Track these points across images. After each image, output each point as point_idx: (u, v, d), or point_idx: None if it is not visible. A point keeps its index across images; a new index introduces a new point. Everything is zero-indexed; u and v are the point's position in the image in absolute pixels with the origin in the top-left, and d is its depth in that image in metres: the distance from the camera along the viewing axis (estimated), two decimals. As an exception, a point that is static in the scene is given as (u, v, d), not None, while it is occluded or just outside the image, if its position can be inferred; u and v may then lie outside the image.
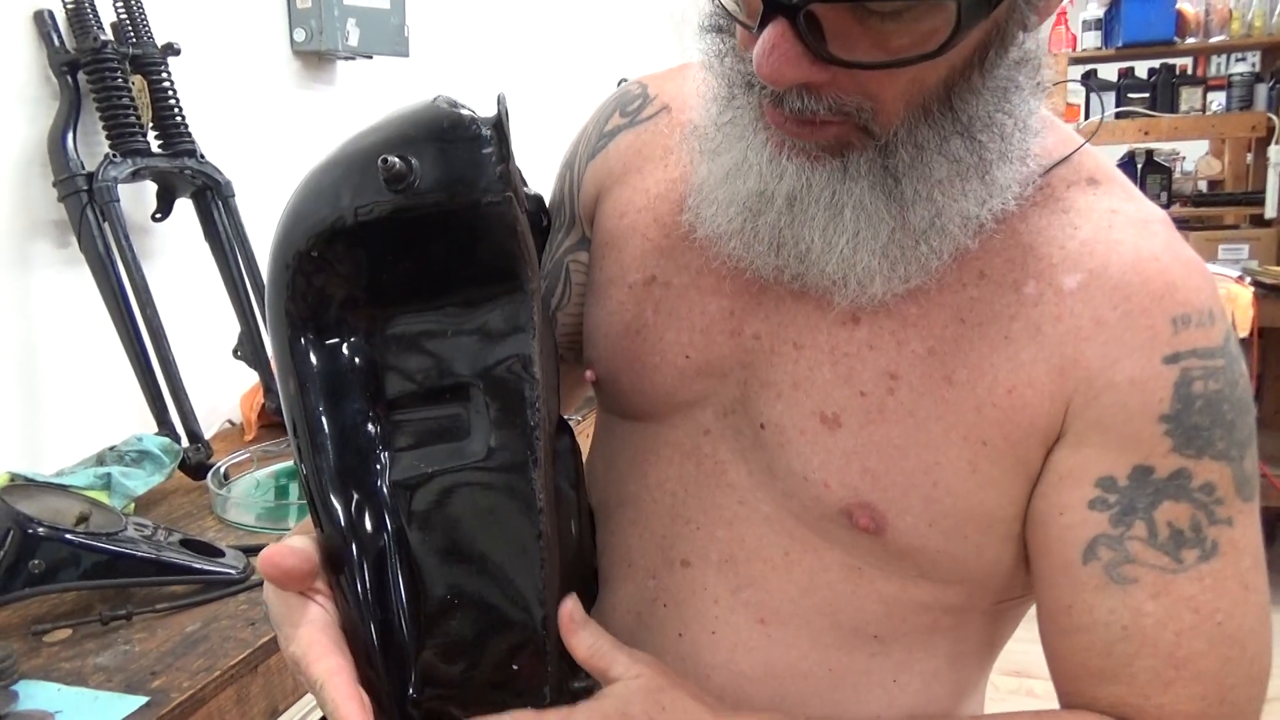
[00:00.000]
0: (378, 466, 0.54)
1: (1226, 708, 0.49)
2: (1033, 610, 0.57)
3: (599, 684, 0.54)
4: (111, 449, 1.22)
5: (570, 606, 0.52)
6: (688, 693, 0.52)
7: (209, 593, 0.92)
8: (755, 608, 0.58)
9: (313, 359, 0.54)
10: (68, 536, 0.87)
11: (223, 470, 1.26)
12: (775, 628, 0.57)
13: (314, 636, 0.50)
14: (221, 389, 1.56)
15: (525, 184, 0.61)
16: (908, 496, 0.53)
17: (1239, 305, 2.73)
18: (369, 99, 1.91)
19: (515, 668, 0.53)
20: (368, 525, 0.53)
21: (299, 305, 0.54)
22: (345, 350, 0.55)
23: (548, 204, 0.65)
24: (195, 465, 1.26)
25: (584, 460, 0.65)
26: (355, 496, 0.54)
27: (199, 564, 0.93)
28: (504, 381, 0.54)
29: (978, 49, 0.46)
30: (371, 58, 1.84)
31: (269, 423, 1.52)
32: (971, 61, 0.46)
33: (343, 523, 0.53)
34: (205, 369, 1.46)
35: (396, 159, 0.49)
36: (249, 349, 1.46)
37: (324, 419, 0.54)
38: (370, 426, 0.55)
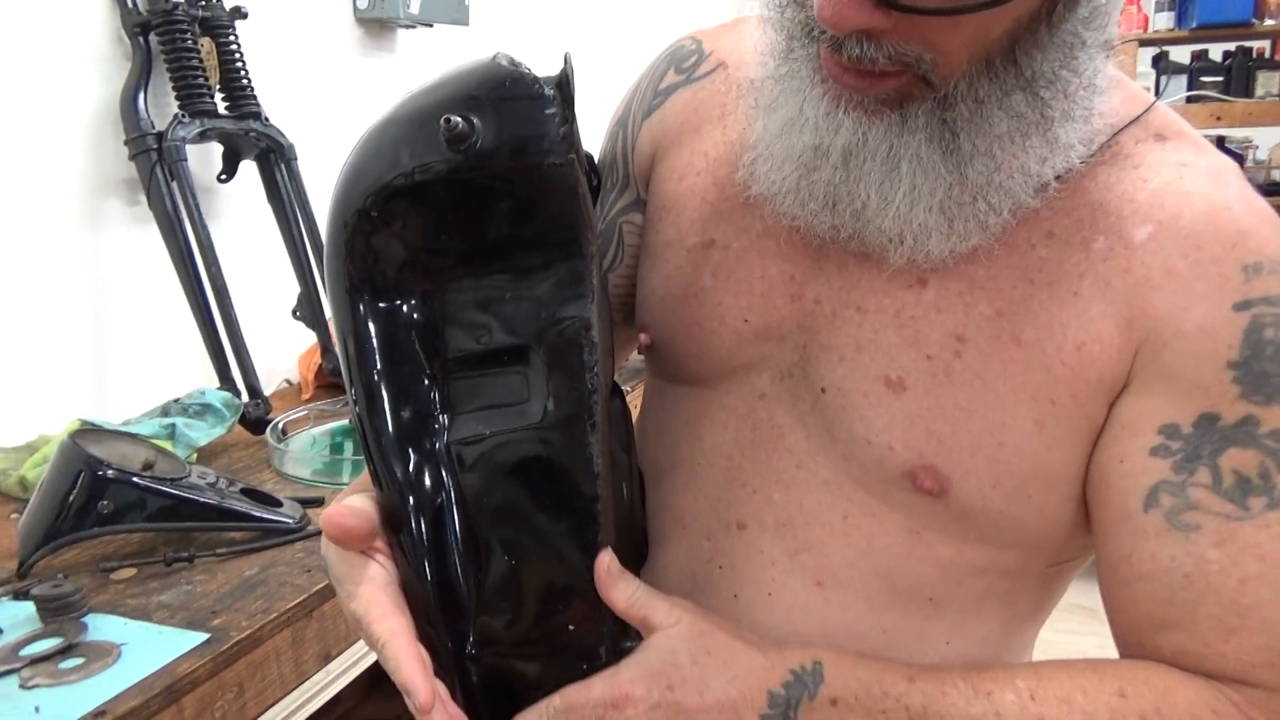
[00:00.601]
0: (436, 427, 0.55)
1: None
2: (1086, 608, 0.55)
3: None
4: (176, 401, 1.25)
5: (606, 560, 0.53)
6: (731, 634, 0.53)
7: (267, 540, 0.95)
8: (812, 571, 0.58)
9: (371, 319, 0.54)
10: (135, 480, 0.90)
11: (280, 426, 1.29)
12: (832, 590, 0.58)
13: (375, 595, 0.51)
14: (280, 349, 1.59)
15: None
16: (973, 458, 0.52)
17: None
18: (429, 66, 1.93)
19: (571, 627, 0.54)
20: (426, 485, 0.54)
21: (357, 265, 0.54)
22: (404, 311, 0.55)
23: (597, 162, 0.65)
24: (255, 420, 1.30)
25: (634, 424, 0.65)
26: (414, 457, 0.54)
27: (258, 512, 0.96)
28: (562, 345, 0.54)
29: (1046, 1, 0.45)
30: (432, 25, 1.86)
31: (326, 383, 1.55)
32: (1039, 14, 0.46)
33: (401, 483, 0.54)
34: (265, 329, 1.49)
35: (459, 118, 0.49)
36: (308, 310, 1.49)
37: (382, 380, 0.54)
38: (428, 388, 0.55)
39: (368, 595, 0.52)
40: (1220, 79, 3.52)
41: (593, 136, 0.62)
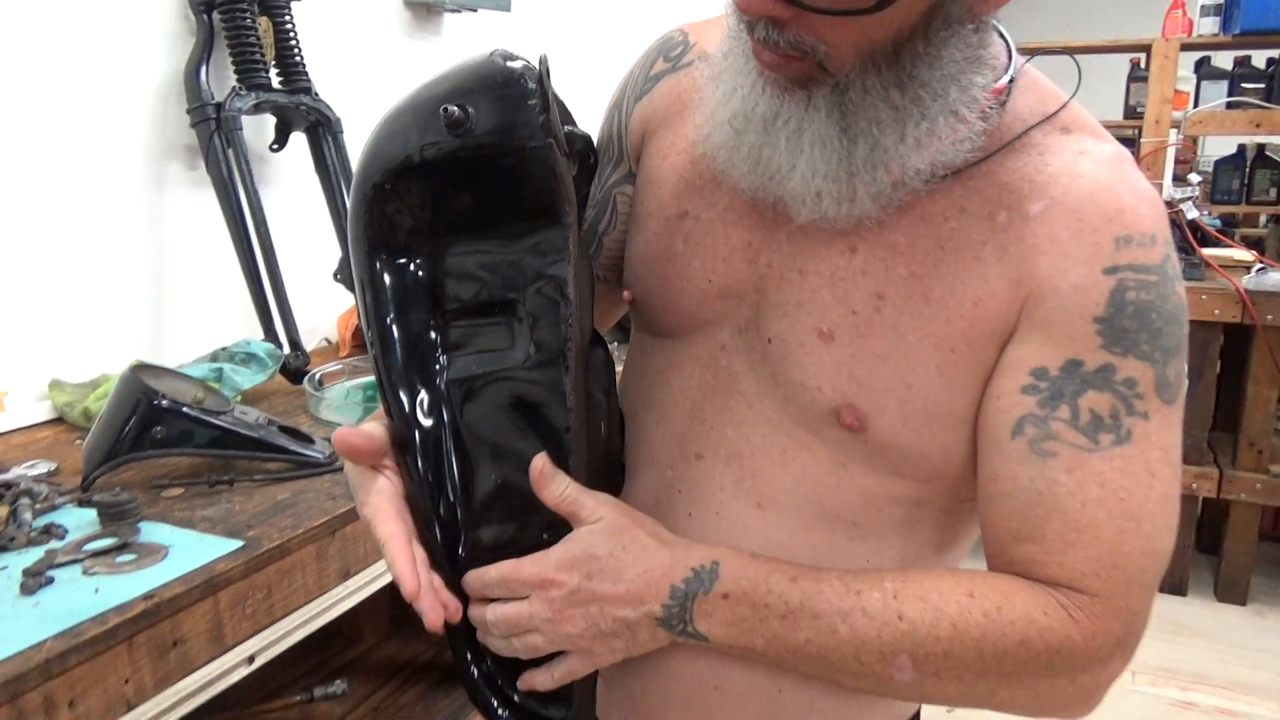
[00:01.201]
0: (436, 366, 0.65)
1: (1116, 573, 0.56)
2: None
3: None
4: (223, 349, 1.37)
5: (540, 462, 0.61)
6: (646, 532, 0.62)
7: (299, 471, 1.06)
8: (754, 495, 0.67)
9: (385, 275, 0.64)
10: (185, 411, 1.02)
11: (318, 377, 1.40)
12: (770, 512, 0.67)
13: (381, 504, 0.62)
14: (321, 309, 1.71)
15: (574, 124, 0.71)
16: (886, 398, 0.61)
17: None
18: (471, 50, 2.03)
19: (545, 537, 0.64)
20: (427, 415, 0.64)
21: (374, 230, 0.64)
22: (412, 269, 0.65)
23: (596, 142, 0.74)
24: (294, 370, 1.41)
25: (618, 374, 0.75)
26: (418, 391, 0.64)
27: (293, 446, 1.07)
28: (542, 300, 0.63)
29: (922, 19, 0.54)
30: (476, 10, 1.96)
31: (362, 342, 1.67)
32: (916, 29, 0.54)
33: (407, 412, 0.64)
34: (308, 290, 1.61)
35: (456, 107, 0.59)
36: (347, 273, 1.60)
37: (394, 325, 0.64)
38: (432, 333, 0.65)
39: (375, 504, 0.62)
40: (1261, 86, 3.50)
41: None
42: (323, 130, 1.56)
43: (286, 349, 1.43)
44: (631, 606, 0.61)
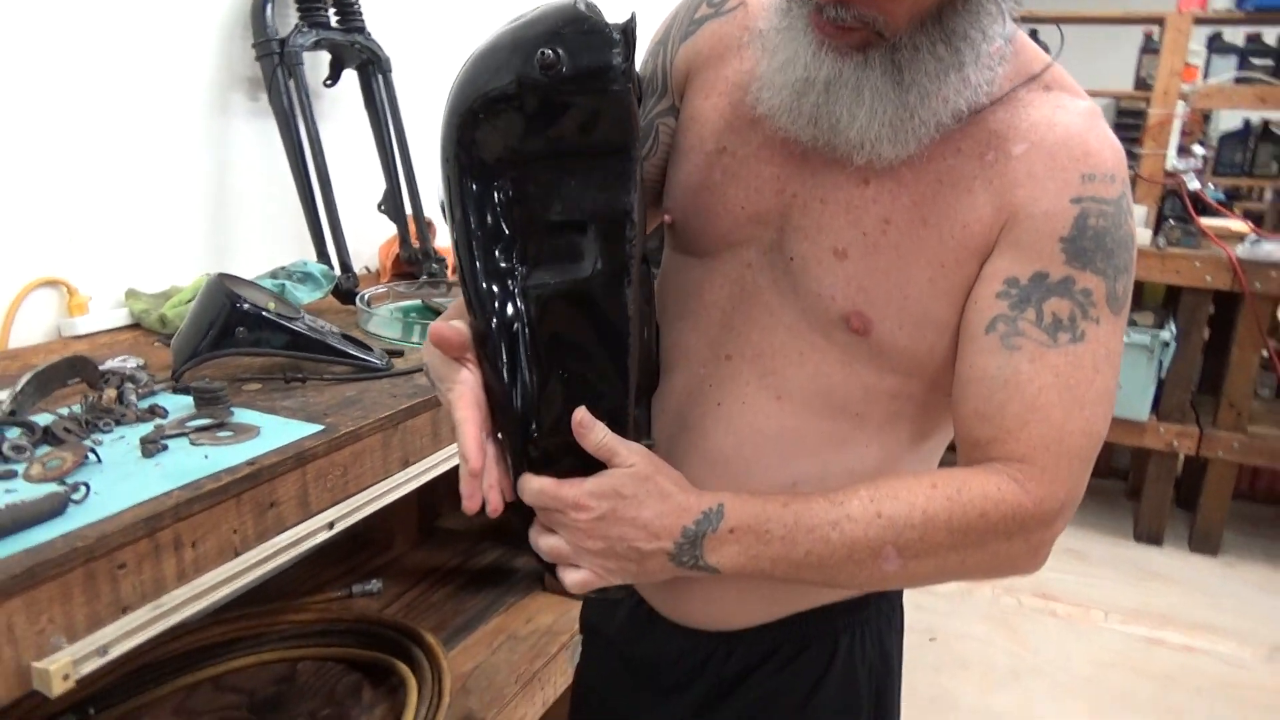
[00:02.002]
0: (516, 275, 0.75)
1: (1061, 448, 0.69)
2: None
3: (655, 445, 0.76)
4: (282, 268, 1.49)
5: (581, 414, 0.71)
6: (667, 479, 0.73)
7: (360, 374, 1.19)
8: (774, 389, 0.80)
9: (475, 193, 0.74)
10: (265, 314, 1.14)
11: (367, 297, 1.52)
12: (787, 403, 0.80)
13: (463, 392, 0.74)
14: (364, 239, 1.83)
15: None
16: (887, 306, 0.74)
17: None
18: (508, -3, 2.12)
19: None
20: (507, 315, 0.74)
21: (467, 152, 0.73)
22: (497, 189, 0.74)
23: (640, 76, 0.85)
24: (345, 291, 1.54)
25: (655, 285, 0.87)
26: (499, 294, 0.75)
27: (356, 352, 1.20)
28: (610, 222, 0.73)
29: None
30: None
31: (401, 271, 1.79)
32: None
33: (490, 312, 0.74)
34: (351, 220, 1.72)
35: (550, 50, 0.68)
36: (391, 205, 1.72)
37: (481, 237, 0.75)
38: (511, 246, 0.75)
39: (458, 391, 0.74)
40: (1270, 62, 3.57)
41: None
42: (373, 68, 1.67)
43: (338, 271, 1.55)
44: (647, 540, 0.71)
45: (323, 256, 1.56)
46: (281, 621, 1.58)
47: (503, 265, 0.75)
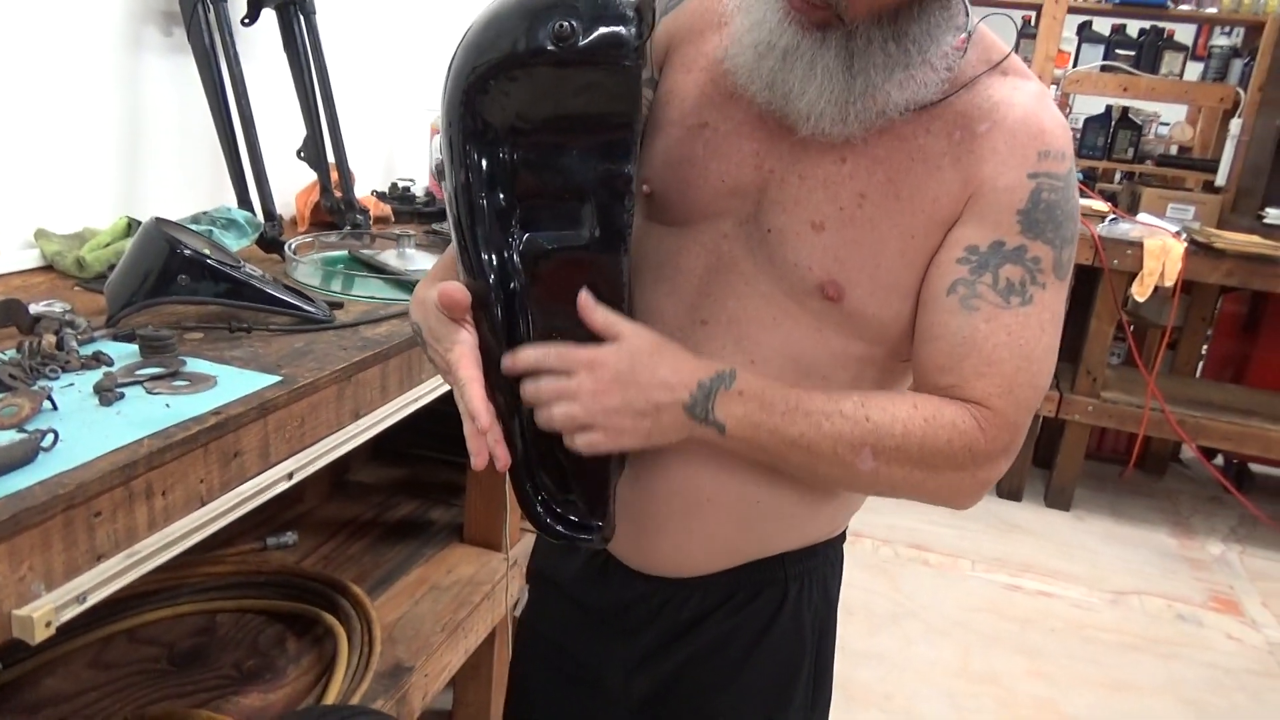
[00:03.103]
0: (513, 239, 0.77)
1: (1011, 397, 0.77)
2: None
3: None
4: (204, 213, 1.44)
5: (584, 296, 0.76)
6: (679, 348, 0.80)
7: (303, 325, 1.18)
8: (748, 354, 0.85)
9: (477, 158, 0.75)
10: (208, 260, 1.12)
11: (294, 246, 1.49)
12: (759, 366, 0.85)
13: (464, 352, 0.77)
14: (282, 185, 1.77)
15: None
16: (859, 275, 0.80)
17: (1170, 258, 3.03)
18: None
19: None
20: (505, 276, 0.77)
21: (471, 117, 0.74)
22: (500, 154, 0.75)
23: None
24: (270, 240, 1.50)
25: None
26: (498, 256, 0.77)
27: (300, 302, 1.18)
28: (610, 191, 0.76)
29: None
30: (436, -96, 2.00)
31: (320, 220, 1.75)
32: None
33: (488, 273, 0.76)
34: (268, 166, 1.67)
35: (566, 22, 0.69)
36: (312, 152, 1.68)
37: (483, 200, 0.76)
38: (512, 210, 0.77)
39: (459, 352, 0.77)
40: (1132, 53, 3.84)
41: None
42: (294, 8, 1.61)
43: (262, 219, 1.51)
44: (664, 392, 0.77)
45: (244, 203, 1.51)
46: (197, 574, 1.55)
47: (503, 230, 0.77)
